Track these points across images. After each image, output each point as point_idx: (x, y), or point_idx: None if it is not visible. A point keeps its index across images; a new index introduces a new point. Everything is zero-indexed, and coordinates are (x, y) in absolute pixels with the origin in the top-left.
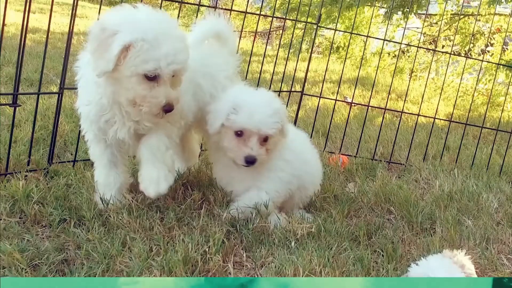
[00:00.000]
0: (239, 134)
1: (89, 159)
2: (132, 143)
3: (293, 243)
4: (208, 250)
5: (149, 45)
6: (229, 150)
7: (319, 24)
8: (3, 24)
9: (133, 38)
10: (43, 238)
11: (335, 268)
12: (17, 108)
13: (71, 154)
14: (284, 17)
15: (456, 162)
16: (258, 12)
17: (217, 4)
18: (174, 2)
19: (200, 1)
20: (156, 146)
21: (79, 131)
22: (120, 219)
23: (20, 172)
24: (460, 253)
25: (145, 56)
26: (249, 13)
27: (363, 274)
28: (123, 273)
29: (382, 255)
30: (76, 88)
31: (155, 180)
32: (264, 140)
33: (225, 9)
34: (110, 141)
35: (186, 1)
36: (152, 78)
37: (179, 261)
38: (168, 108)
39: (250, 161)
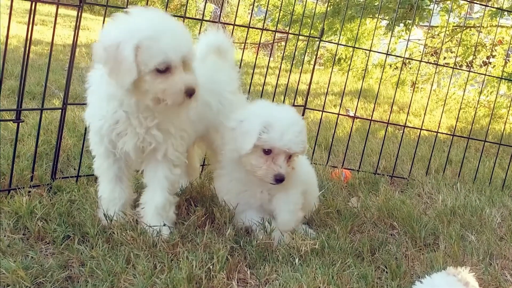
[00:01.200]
0: (267, 152)
1: (92, 174)
2: (135, 157)
3: (297, 260)
4: (212, 267)
5: (151, 41)
6: (257, 168)
7: (321, 38)
8: (7, 40)
9: (136, 40)
10: (47, 255)
11: (339, 286)
12: (20, 123)
13: (74, 169)
14: (287, 30)
15: (458, 176)
16: (260, 24)
17: (220, 17)
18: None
19: (203, 15)
20: (162, 206)
21: (82, 146)
22: (124, 236)
23: (23, 187)
24: (464, 270)
25: (151, 52)
26: (252, 27)
27: None
28: None
29: (386, 272)
30: (80, 104)
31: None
32: (289, 157)
33: (228, 23)
34: (119, 155)
35: (188, 16)
36: (164, 71)
37: (183, 278)
38: (190, 92)
39: (279, 179)
